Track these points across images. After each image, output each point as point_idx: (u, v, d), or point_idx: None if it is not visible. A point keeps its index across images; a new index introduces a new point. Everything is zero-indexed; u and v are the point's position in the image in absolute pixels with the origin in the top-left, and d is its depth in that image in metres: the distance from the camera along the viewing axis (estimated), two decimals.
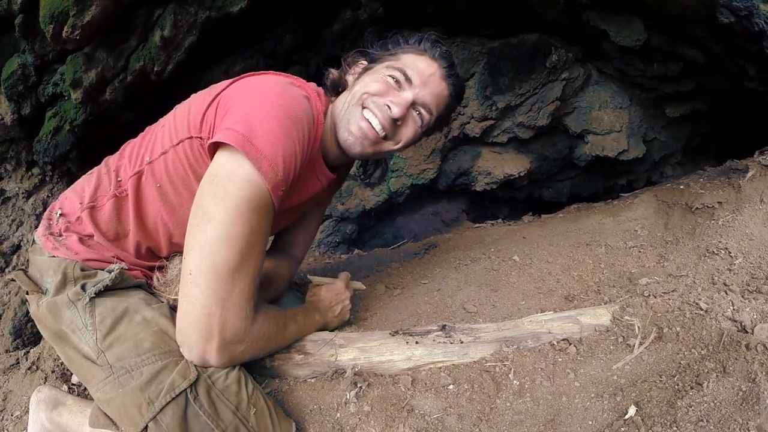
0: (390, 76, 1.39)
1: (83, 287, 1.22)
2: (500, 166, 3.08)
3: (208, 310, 1.09)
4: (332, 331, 1.54)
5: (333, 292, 1.64)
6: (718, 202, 1.88)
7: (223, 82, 1.32)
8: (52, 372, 1.73)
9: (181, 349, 1.16)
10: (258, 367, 1.39)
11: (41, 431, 1.39)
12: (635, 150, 3.04)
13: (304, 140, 1.21)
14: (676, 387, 1.19)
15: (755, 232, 1.62)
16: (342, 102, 1.42)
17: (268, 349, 1.30)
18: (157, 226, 1.32)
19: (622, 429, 1.13)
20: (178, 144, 1.25)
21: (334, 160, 1.46)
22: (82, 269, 1.26)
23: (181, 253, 1.31)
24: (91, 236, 1.31)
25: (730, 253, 1.59)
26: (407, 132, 1.44)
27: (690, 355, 1.27)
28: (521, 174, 3.08)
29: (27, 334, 2.29)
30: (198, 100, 1.29)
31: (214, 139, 1.13)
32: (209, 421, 1.11)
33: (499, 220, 3.10)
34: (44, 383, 1.63)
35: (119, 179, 1.31)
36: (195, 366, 1.14)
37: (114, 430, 1.16)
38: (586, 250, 2.01)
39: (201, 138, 1.22)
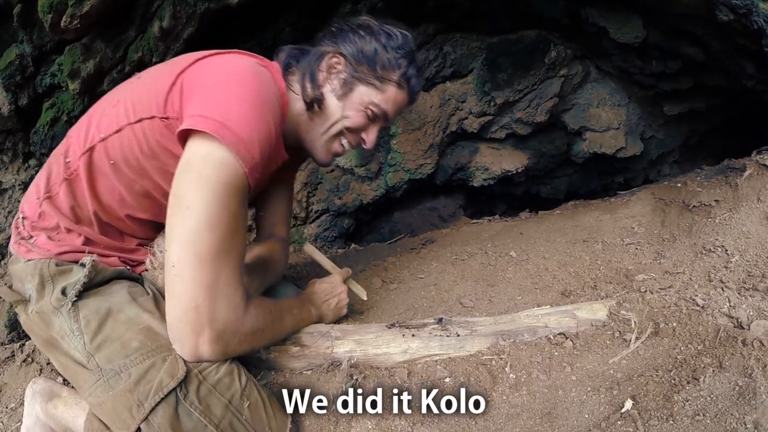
0: (371, 111, 1.41)
1: (63, 291, 1.19)
2: (498, 161, 3.08)
3: (195, 302, 1.07)
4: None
5: (328, 285, 1.61)
6: (715, 201, 1.89)
7: (185, 57, 1.28)
8: (48, 364, 1.73)
9: (173, 345, 1.13)
10: (254, 359, 1.38)
11: (36, 423, 1.37)
12: (633, 147, 3.05)
13: (276, 122, 1.20)
14: (672, 381, 1.19)
15: (752, 231, 1.62)
16: (318, 125, 1.42)
17: (264, 341, 1.27)
18: (113, 202, 1.28)
19: (619, 422, 1.13)
20: (137, 122, 1.20)
21: (289, 144, 1.45)
22: (57, 264, 1.23)
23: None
24: (57, 227, 1.28)
25: (726, 250, 1.60)
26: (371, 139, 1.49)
27: (686, 350, 1.28)
28: (519, 170, 3.08)
29: (22, 328, 2.28)
30: (160, 77, 1.23)
31: (186, 126, 1.09)
32: (201, 418, 1.10)
33: (496, 216, 3.10)
34: (39, 375, 1.62)
35: (68, 160, 1.27)
36: (184, 362, 1.11)
37: None
38: (583, 247, 2.01)
39: (167, 119, 1.18)
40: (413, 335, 1.41)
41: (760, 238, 1.58)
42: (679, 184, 2.25)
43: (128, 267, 1.34)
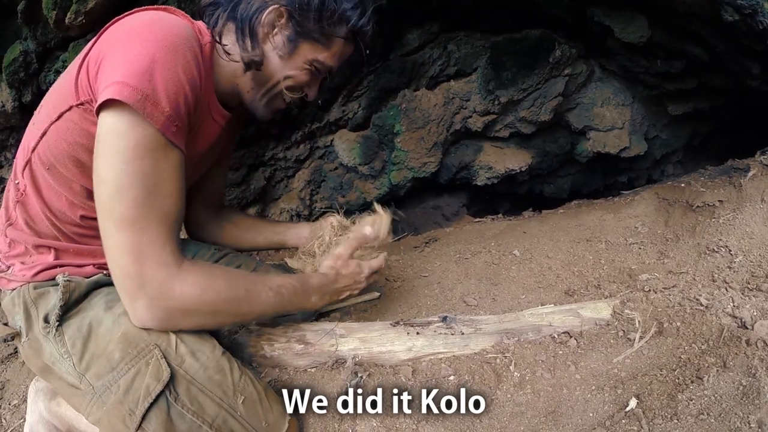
0: (315, 67, 1.36)
1: (46, 319, 1.18)
2: (502, 160, 3.08)
3: (124, 270, 1.05)
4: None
5: (355, 275, 1.49)
6: (719, 201, 1.89)
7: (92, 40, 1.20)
8: None
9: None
10: (257, 357, 1.40)
11: (39, 421, 1.37)
12: (637, 147, 3.04)
13: (188, 66, 1.11)
14: (676, 381, 1.20)
15: (756, 231, 1.62)
16: (259, 84, 1.36)
17: (231, 312, 1.19)
18: (64, 207, 1.24)
19: (623, 421, 1.14)
20: (58, 119, 1.16)
21: (228, 102, 1.39)
22: (35, 287, 1.23)
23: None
24: (26, 251, 1.27)
25: (730, 251, 1.60)
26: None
27: (690, 349, 1.28)
28: (522, 169, 3.07)
29: None
30: (70, 66, 1.19)
31: (98, 103, 1.04)
32: (195, 419, 1.09)
33: (500, 215, 3.10)
34: None
35: (17, 182, 1.25)
36: (167, 362, 1.10)
37: None
38: (587, 246, 2.01)
39: (82, 104, 1.12)
40: (418, 333, 1.42)
41: (763, 239, 1.58)
42: (682, 184, 2.26)
43: (104, 272, 1.30)
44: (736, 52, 2.16)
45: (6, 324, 1.30)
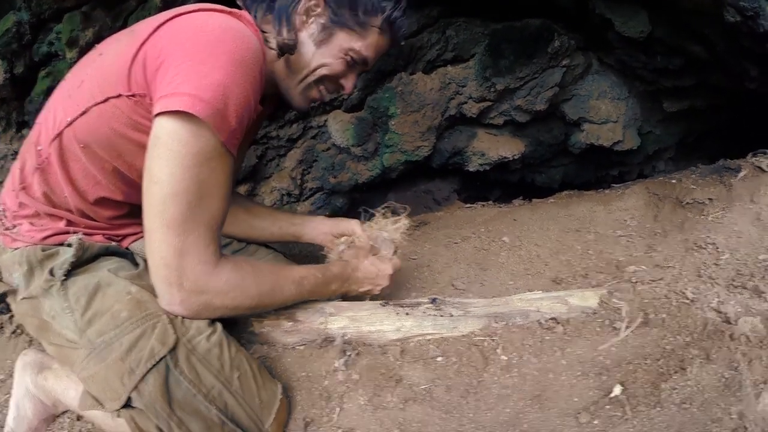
0: (351, 57, 1.37)
1: (51, 272, 1.19)
2: (495, 147, 3.08)
3: (165, 260, 1.08)
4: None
5: (377, 270, 1.52)
6: (709, 199, 1.90)
7: (145, 23, 1.21)
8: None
9: (159, 302, 1.15)
10: (247, 333, 1.39)
11: (26, 395, 1.37)
12: (630, 141, 3.06)
13: (255, 83, 1.15)
14: (660, 370, 1.22)
15: (743, 230, 1.64)
16: (296, 73, 1.37)
17: (251, 306, 1.24)
18: (88, 185, 1.26)
19: (608, 407, 1.16)
20: (104, 102, 1.16)
21: (266, 93, 1.39)
22: (43, 249, 1.23)
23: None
24: (37, 215, 1.28)
25: (717, 248, 1.61)
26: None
27: (675, 341, 1.30)
28: (515, 157, 3.08)
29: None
30: (121, 51, 1.17)
31: (160, 110, 1.06)
32: (191, 387, 1.11)
33: (491, 202, 3.10)
34: (29, 347, 1.61)
35: (39, 148, 1.25)
36: (174, 329, 1.13)
37: (102, 410, 1.15)
38: (576, 236, 2.03)
39: (133, 96, 1.14)
40: (407, 314, 1.43)
41: (751, 238, 1.60)
42: (673, 181, 2.27)
43: (114, 242, 1.35)
44: (735, 53, 2.17)
45: (0, 280, 1.30)
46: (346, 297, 1.52)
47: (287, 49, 1.32)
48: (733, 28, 1.88)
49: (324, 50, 1.34)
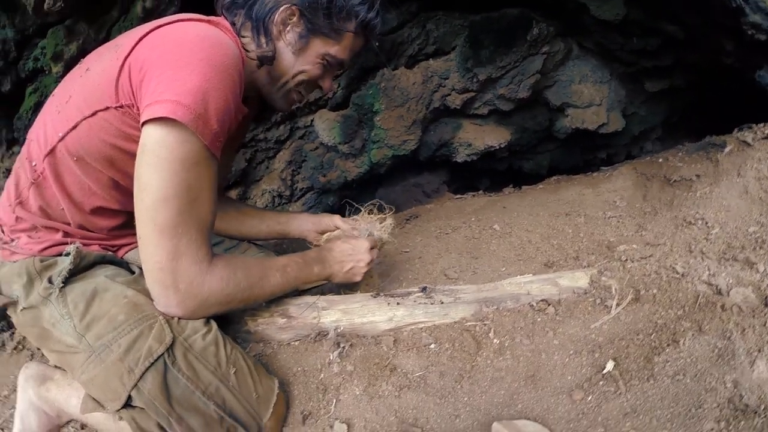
0: (327, 60, 1.40)
1: (50, 280, 1.21)
2: (481, 137, 3.09)
3: (159, 264, 1.11)
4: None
5: (350, 247, 1.54)
6: (696, 175, 1.91)
7: (128, 35, 1.24)
8: (39, 349, 1.73)
9: (155, 305, 1.18)
10: (242, 332, 1.40)
11: (30, 408, 1.38)
12: (615, 123, 3.06)
13: (234, 86, 1.17)
14: (653, 344, 1.22)
15: (732, 204, 1.64)
16: (275, 79, 1.41)
17: (243, 299, 1.27)
18: (83, 197, 1.28)
19: (601, 383, 1.16)
20: (92, 115, 1.19)
21: (247, 93, 1.41)
22: (42, 260, 1.25)
23: None
24: (34, 228, 1.30)
25: (707, 223, 1.62)
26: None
27: (666, 315, 1.31)
28: (501, 146, 3.08)
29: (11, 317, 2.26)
30: (107, 65, 1.20)
31: (146, 118, 1.08)
32: (189, 384, 1.12)
33: (480, 192, 3.12)
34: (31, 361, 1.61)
35: (33, 164, 1.27)
36: (170, 328, 1.15)
37: (103, 412, 1.16)
38: (566, 220, 2.04)
39: (121, 107, 1.16)
40: (398, 303, 1.43)
41: (740, 212, 1.60)
42: (660, 160, 2.28)
43: (110, 252, 1.37)
44: (710, 29, 2.18)
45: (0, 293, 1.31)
46: (343, 291, 1.55)
47: (266, 60, 1.35)
48: (706, 4, 1.88)
49: (301, 58, 1.38)
